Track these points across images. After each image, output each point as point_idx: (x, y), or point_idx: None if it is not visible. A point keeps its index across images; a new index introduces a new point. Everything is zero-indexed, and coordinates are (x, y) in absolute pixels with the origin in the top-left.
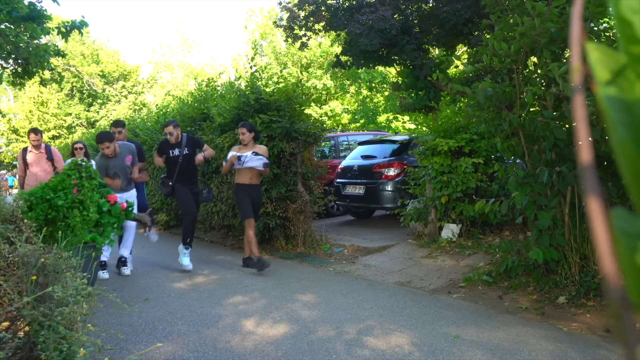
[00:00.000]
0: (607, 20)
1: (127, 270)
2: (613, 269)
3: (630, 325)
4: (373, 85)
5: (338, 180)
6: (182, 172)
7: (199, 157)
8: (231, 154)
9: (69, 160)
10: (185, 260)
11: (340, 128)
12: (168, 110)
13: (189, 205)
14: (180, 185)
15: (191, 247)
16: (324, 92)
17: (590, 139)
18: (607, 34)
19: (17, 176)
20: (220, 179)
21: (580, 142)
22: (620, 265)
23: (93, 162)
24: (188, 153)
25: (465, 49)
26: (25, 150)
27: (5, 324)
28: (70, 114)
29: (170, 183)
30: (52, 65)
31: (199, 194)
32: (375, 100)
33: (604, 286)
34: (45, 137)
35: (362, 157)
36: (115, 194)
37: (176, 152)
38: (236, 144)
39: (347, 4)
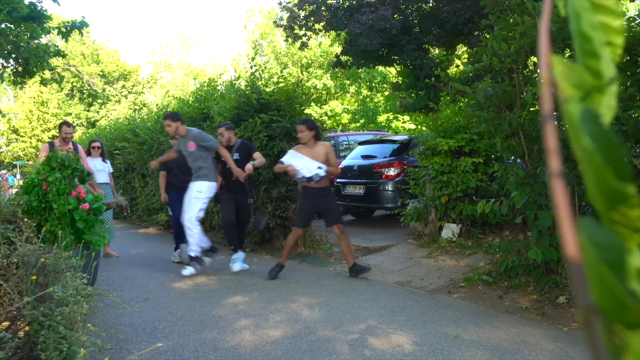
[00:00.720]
0: None
1: (186, 271)
2: (581, 277)
3: (598, 331)
4: (373, 85)
5: (338, 180)
6: (229, 179)
7: (249, 166)
8: (291, 163)
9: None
10: (236, 266)
11: (340, 128)
12: (168, 110)
13: (227, 215)
14: (225, 193)
15: (242, 251)
16: (324, 92)
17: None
18: None
19: (16, 177)
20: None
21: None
22: (588, 273)
23: (108, 164)
24: (238, 159)
25: (465, 49)
26: (52, 144)
27: (6, 323)
28: (71, 114)
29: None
30: (52, 65)
31: (249, 205)
32: (375, 100)
33: (574, 293)
34: (45, 137)
35: (362, 157)
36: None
37: None
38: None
39: (347, 4)
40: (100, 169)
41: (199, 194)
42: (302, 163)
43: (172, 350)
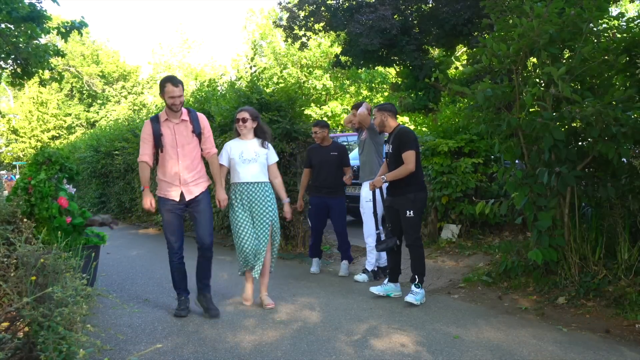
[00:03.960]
0: (607, 21)
1: (359, 277)
2: None
3: None
4: (373, 85)
5: None
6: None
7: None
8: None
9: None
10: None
11: (340, 128)
12: None
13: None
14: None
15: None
16: (323, 93)
17: (589, 139)
18: (606, 34)
19: (15, 177)
20: None
21: None
22: None
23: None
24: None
25: (465, 49)
26: (155, 119)
27: (5, 324)
28: (70, 115)
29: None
30: (52, 66)
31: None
32: (375, 100)
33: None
34: (45, 137)
35: None
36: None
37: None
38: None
39: (347, 4)
40: (251, 159)
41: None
42: None
43: (172, 350)
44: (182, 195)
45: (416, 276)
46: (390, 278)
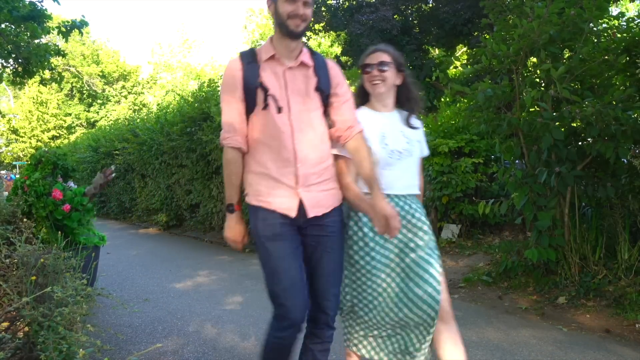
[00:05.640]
0: (607, 21)
1: None
2: None
3: None
4: None
5: None
6: None
7: None
8: None
9: None
10: None
11: None
12: (168, 110)
13: None
14: None
15: None
16: None
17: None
18: (606, 34)
19: (15, 177)
20: (220, 179)
21: None
22: None
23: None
24: None
25: (465, 49)
26: (250, 55)
27: (5, 324)
28: (70, 114)
29: None
30: (53, 65)
31: None
32: None
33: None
34: (45, 137)
35: None
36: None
37: None
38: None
39: (347, 4)
40: (403, 149)
41: None
42: None
43: (172, 350)
44: (300, 206)
45: None
46: None
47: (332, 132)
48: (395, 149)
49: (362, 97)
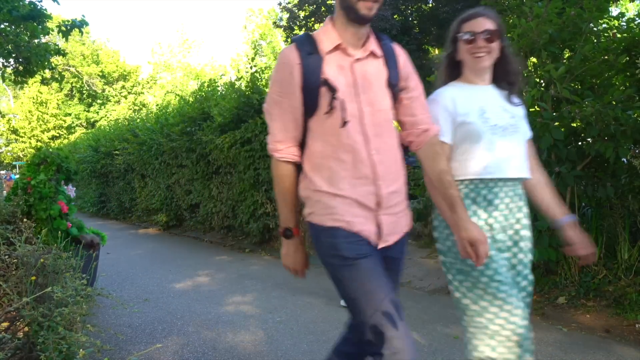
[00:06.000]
0: (607, 21)
1: None
2: None
3: None
4: None
5: None
6: None
7: None
8: None
9: None
10: None
11: None
12: (168, 110)
13: None
14: None
15: None
16: None
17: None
18: (606, 34)
19: (15, 177)
20: (220, 179)
21: None
22: None
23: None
24: None
25: None
26: (308, 43)
27: (5, 324)
28: (70, 114)
29: None
30: (53, 65)
31: None
32: None
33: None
34: (45, 137)
35: None
36: None
37: None
38: (236, 144)
39: None
40: (507, 125)
41: None
42: None
43: (172, 350)
44: (379, 229)
45: None
46: None
47: (403, 136)
48: (498, 124)
49: (452, 71)
